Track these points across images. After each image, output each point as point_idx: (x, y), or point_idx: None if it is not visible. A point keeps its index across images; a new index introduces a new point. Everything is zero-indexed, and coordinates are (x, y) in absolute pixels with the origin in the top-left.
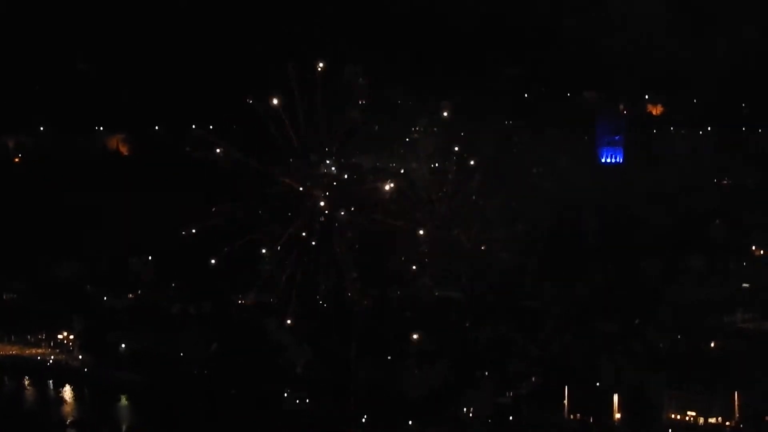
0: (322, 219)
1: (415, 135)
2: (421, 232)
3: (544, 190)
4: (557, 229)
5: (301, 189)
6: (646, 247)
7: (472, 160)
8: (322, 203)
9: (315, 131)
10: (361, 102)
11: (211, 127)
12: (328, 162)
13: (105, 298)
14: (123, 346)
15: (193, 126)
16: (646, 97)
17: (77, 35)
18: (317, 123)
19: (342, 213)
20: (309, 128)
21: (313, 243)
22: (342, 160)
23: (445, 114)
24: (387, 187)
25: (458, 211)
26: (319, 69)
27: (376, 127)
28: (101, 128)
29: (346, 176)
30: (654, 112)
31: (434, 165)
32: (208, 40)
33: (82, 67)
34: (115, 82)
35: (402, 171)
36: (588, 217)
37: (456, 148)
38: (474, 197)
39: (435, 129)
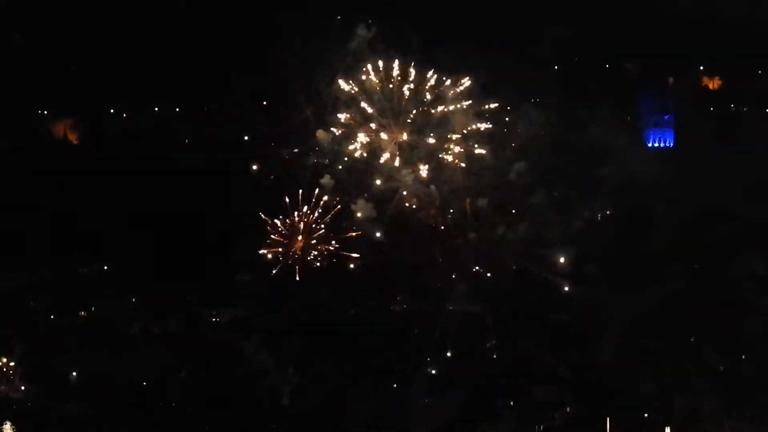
0: (318, 213)
1: (436, 111)
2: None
3: (579, 179)
4: (593, 227)
5: (292, 176)
6: (701, 247)
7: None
8: (317, 193)
9: (304, 109)
10: (374, 71)
11: (177, 109)
12: (327, 145)
13: (51, 316)
14: (74, 373)
15: (156, 108)
16: (701, 67)
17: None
18: (311, 98)
19: (344, 205)
20: (300, 104)
21: (305, 244)
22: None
23: (463, 88)
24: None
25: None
26: (323, 29)
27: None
28: (45, 112)
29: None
30: (711, 86)
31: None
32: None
33: (21, 38)
34: (62, 56)
35: (418, 153)
36: (631, 213)
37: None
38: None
39: (455, 106)
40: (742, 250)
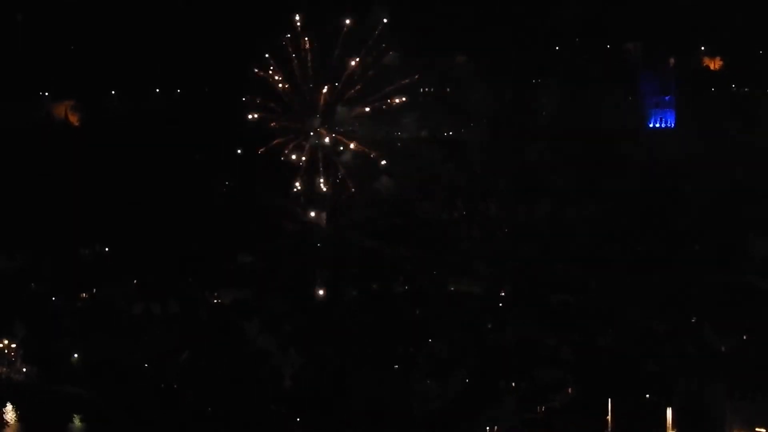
0: (316, 197)
1: (424, 95)
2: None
3: (580, 159)
4: (594, 207)
5: (291, 160)
6: (701, 229)
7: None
8: (318, 177)
9: (308, 94)
10: (371, 55)
11: (179, 90)
12: (325, 130)
13: (53, 299)
14: (75, 356)
15: (157, 90)
16: (702, 48)
17: None
18: (312, 83)
19: (343, 190)
20: (300, 90)
21: (304, 226)
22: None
23: (458, 70)
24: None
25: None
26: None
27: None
28: (46, 94)
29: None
30: (711, 67)
31: (448, 132)
32: None
33: (22, 20)
34: (63, 39)
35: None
36: (632, 192)
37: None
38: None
39: (448, 89)
40: (743, 232)
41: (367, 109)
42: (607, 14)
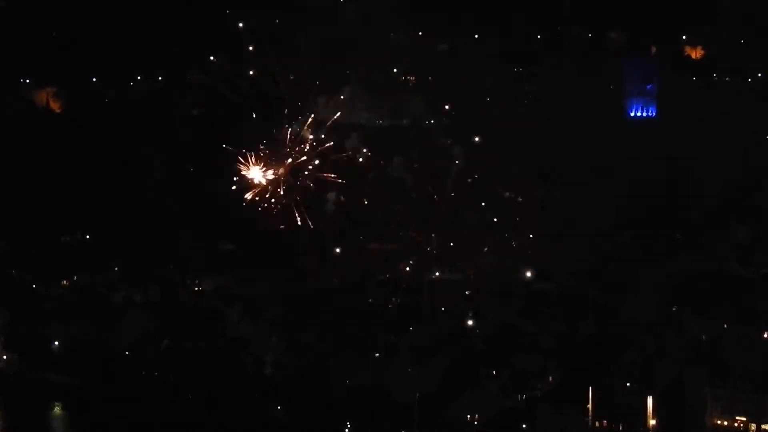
0: (298, 185)
1: (408, 83)
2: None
3: (560, 150)
4: (574, 196)
5: (270, 150)
6: (682, 217)
7: (473, 115)
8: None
9: (288, 82)
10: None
11: (160, 78)
12: (304, 118)
13: (33, 285)
14: (56, 342)
15: (139, 78)
16: (684, 37)
17: None
18: (291, 72)
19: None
20: (280, 79)
21: (286, 214)
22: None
23: (440, 58)
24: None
25: (459, 176)
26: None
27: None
28: (27, 80)
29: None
30: (693, 56)
31: (428, 121)
32: None
33: (1, 3)
34: (43, 23)
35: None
36: (613, 182)
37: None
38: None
39: (430, 77)
40: (723, 221)
41: (365, 96)
42: (591, 2)
